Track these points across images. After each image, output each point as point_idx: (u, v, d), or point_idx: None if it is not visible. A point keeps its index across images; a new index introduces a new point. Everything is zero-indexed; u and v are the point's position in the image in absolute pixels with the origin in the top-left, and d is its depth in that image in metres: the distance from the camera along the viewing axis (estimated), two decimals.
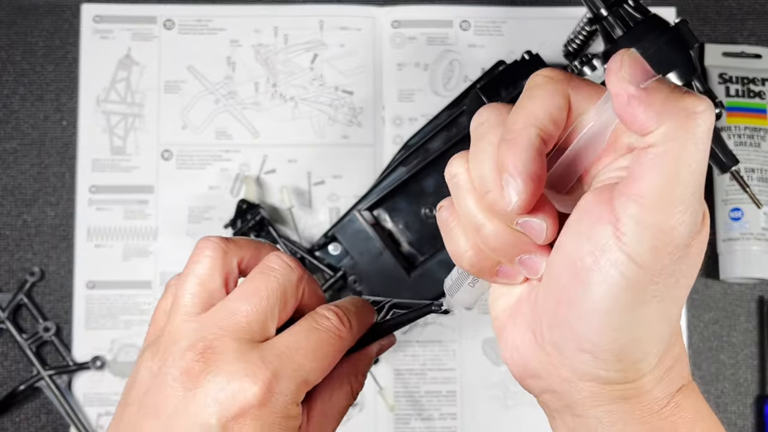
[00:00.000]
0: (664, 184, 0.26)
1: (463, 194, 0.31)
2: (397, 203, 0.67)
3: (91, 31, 0.75)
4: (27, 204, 0.73)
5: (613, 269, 0.27)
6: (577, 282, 0.28)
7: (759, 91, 0.74)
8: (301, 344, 0.33)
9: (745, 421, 0.73)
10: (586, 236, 0.28)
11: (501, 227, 0.30)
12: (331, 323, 0.35)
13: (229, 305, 0.33)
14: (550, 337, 0.31)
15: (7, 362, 0.72)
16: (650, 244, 0.27)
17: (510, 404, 0.71)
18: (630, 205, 0.27)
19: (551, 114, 0.28)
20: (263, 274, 0.34)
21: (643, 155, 0.26)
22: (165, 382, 0.33)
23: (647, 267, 0.27)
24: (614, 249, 0.27)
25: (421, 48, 0.75)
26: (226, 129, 0.74)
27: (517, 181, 0.28)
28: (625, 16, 0.57)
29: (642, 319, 0.28)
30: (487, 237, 0.31)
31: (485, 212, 0.30)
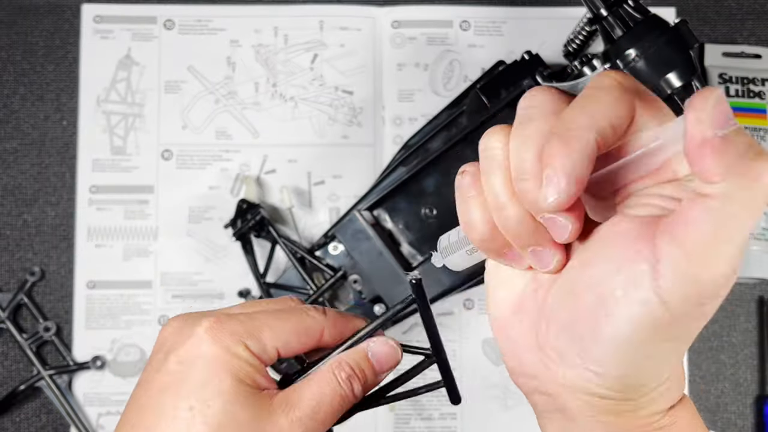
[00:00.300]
0: (714, 238, 0.26)
1: (495, 170, 0.30)
2: (397, 203, 0.67)
3: (92, 31, 0.75)
4: (27, 204, 0.73)
5: (641, 307, 0.27)
6: (601, 308, 0.28)
7: (759, 91, 0.74)
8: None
9: (744, 421, 0.73)
10: (621, 267, 0.28)
11: (523, 214, 0.30)
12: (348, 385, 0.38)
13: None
14: (556, 344, 0.31)
15: (8, 362, 0.72)
16: (685, 291, 0.26)
17: (510, 404, 0.71)
18: (674, 250, 0.26)
19: (613, 122, 0.28)
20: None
21: (699, 202, 0.26)
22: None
23: (676, 311, 0.27)
24: (648, 289, 0.27)
25: (421, 48, 0.75)
26: (226, 129, 0.74)
27: (561, 181, 0.27)
28: (625, 16, 0.57)
29: (656, 353, 0.29)
30: (507, 219, 0.30)
31: (512, 195, 0.30)
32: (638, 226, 0.28)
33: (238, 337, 0.36)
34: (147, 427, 0.34)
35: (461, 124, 0.65)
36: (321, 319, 0.38)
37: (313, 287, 0.66)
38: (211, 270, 0.72)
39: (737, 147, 0.25)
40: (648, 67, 0.56)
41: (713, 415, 0.73)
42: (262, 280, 0.68)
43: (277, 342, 0.37)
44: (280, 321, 0.37)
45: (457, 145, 0.65)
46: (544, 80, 0.63)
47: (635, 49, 0.56)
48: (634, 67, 0.56)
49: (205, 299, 0.72)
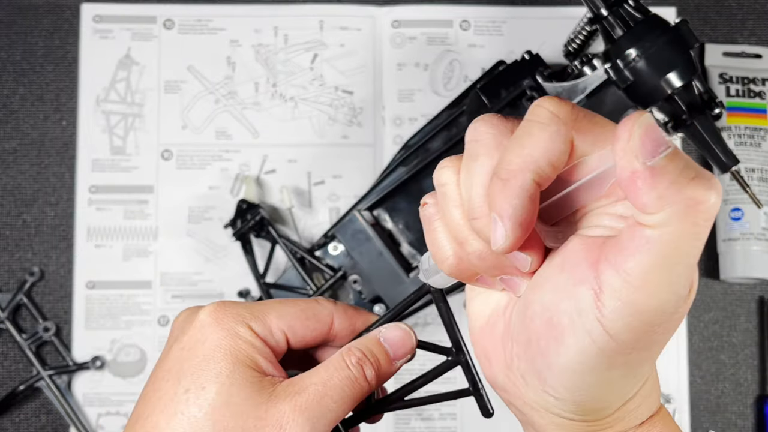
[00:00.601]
0: (653, 268, 0.25)
1: (451, 207, 0.30)
2: (397, 203, 0.67)
3: (91, 31, 0.75)
4: (27, 204, 0.73)
5: (586, 336, 0.27)
6: (550, 335, 0.28)
7: (759, 91, 0.74)
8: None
9: (745, 421, 0.73)
10: (567, 294, 0.28)
11: (485, 248, 0.29)
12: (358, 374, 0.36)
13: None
14: (518, 365, 0.31)
15: (7, 362, 0.72)
16: (628, 321, 0.26)
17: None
18: (615, 279, 0.26)
19: (550, 159, 0.27)
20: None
21: (638, 231, 0.25)
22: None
23: (621, 341, 0.27)
24: (591, 318, 0.27)
25: (421, 48, 0.75)
26: (226, 129, 0.74)
27: (506, 225, 0.27)
28: (625, 16, 0.57)
29: (607, 380, 0.28)
30: (470, 254, 0.30)
31: (470, 230, 0.30)
32: (584, 250, 0.28)
33: (242, 319, 0.35)
34: (147, 414, 0.34)
35: (461, 124, 0.65)
36: (330, 306, 0.37)
37: (312, 287, 0.66)
38: (211, 270, 0.72)
39: (669, 174, 0.24)
40: (648, 67, 0.56)
41: (713, 415, 0.73)
42: (261, 280, 0.68)
43: (282, 324, 0.36)
44: (286, 305, 0.36)
45: (457, 145, 0.65)
46: (545, 80, 0.63)
47: (635, 49, 0.56)
48: (635, 67, 0.56)
49: (205, 299, 0.72)
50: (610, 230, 0.28)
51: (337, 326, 0.37)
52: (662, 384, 0.72)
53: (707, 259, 0.74)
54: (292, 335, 0.36)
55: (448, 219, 0.31)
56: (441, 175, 0.31)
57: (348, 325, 0.38)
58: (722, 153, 0.58)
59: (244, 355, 0.34)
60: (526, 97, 0.62)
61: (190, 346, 0.34)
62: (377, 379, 0.37)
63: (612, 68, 0.57)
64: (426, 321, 0.72)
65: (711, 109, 0.59)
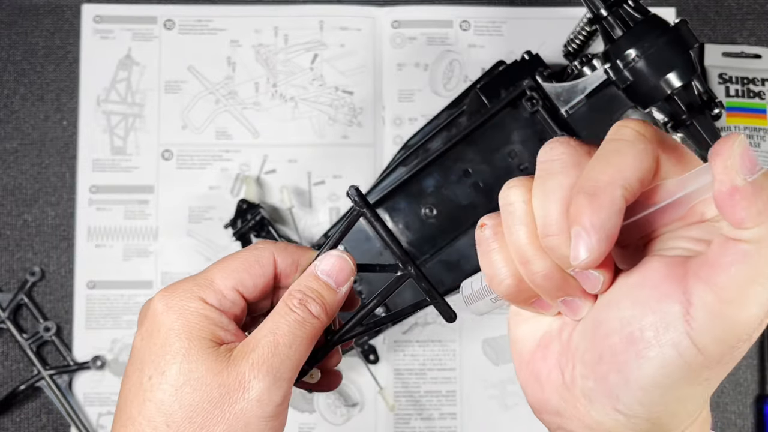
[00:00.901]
0: (748, 282, 0.26)
1: (518, 225, 0.30)
2: (397, 203, 0.67)
3: (92, 32, 0.75)
4: (27, 204, 0.73)
5: (672, 349, 0.27)
6: (631, 350, 0.28)
7: (759, 91, 0.74)
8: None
9: (744, 421, 0.73)
10: (652, 309, 0.28)
11: (551, 268, 0.30)
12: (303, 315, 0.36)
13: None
14: (582, 385, 0.30)
15: (8, 362, 0.72)
16: (718, 334, 0.26)
17: (509, 404, 0.71)
18: (707, 293, 0.26)
19: (640, 175, 0.27)
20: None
21: (732, 246, 0.26)
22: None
23: (708, 355, 0.27)
24: (680, 331, 0.27)
25: (421, 48, 0.75)
26: (226, 129, 0.74)
27: (592, 239, 0.27)
28: (624, 17, 0.57)
29: (687, 395, 0.28)
30: (535, 274, 0.30)
31: (537, 249, 0.30)
32: (666, 267, 0.28)
33: (190, 294, 0.36)
34: (121, 408, 0.35)
35: (461, 124, 0.65)
36: (270, 247, 0.38)
37: None
38: None
39: (767, 191, 0.25)
40: (648, 67, 0.56)
41: (713, 415, 0.73)
42: None
43: (230, 282, 0.36)
44: (228, 261, 0.37)
45: (457, 145, 0.65)
46: (544, 80, 0.63)
47: (635, 49, 0.56)
48: (634, 67, 0.56)
49: None
50: (688, 251, 0.28)
51: (281, 265, 0.38)
52: None
53: None
54: (244, 289, 0.37)
55: (514, 238, 0.30)
56: (509, 194, 0.31)
57: (291, 261, 0.38)
58: None
59: (199, 329, 0.35)
60: (526, 97, 0.62)
61: (148, 336, 0.35)
62: (325, 312, 0.37)
63: (612, 68, 0.57)
64: (426, 321, 0.72)
65: (710, 109, 0.59)
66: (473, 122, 0.64)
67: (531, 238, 0.30)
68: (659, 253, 0.29)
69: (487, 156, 0.65)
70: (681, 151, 0.29)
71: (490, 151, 0.65)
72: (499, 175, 0.65)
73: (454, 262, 0.64)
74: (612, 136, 0.29)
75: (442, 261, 0.64)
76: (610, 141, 0.28)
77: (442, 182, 0.66)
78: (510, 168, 0.65)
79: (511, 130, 0.64)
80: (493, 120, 0.64)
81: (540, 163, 0.30)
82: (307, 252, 0.39)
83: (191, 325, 0.35)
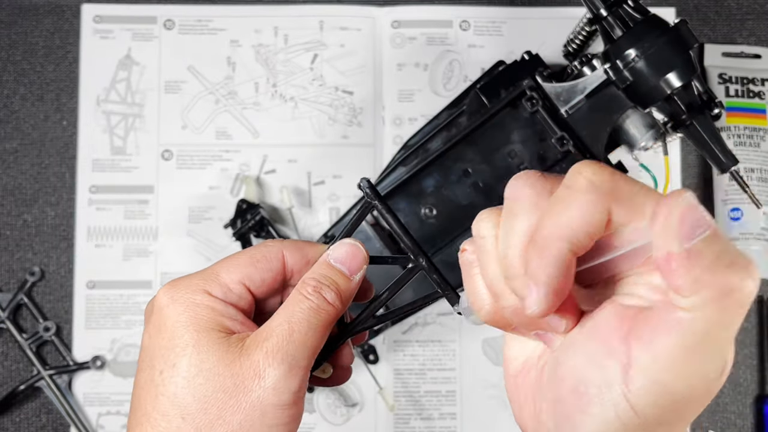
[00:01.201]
0: (683, 350, 0.25)
1: (489, 260, 0.31)
2: (397, 203, 0.67)
3: (92, 31, 0.75)
4: (27, 204, 0.73)
5: (611, 410, 0.27)
6: (576, 402, 0.28)
7: (758, 91, 0.74)
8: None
9: (744, 421, 0.73)
10: (596, 364, 0.28)
11: (520, 304, 0.30)
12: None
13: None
14: (545, 421, 0.30)
15: (8, 362, 0.72)
16: (654, 399, 0.26)
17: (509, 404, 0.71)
18: (644, 356, 0.26)
19: (587, 229, 0.27)
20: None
21: (671, 312, 0.25)
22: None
23: (645, 418, 0.26)
24: (618, 392, 0.27)
25: (421, 48, 0.75)
26: (226, 129, 0.74)
27: (541, 292, 0.27)
28: (624, 17, 0.57)
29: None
30: (504, 309, 0.30)
31: (507, 285, 0.30)
32: (617, 320, 0.28)
33: (196, 287, 0.35)
34: (136, 407, 0.35)
35: (461, 124, 0.65)
36: (277, 244, 0.38)
37: None
38: None
39: (706, 259, 0.24)
40: (648, 67, 0.56)
41: (713, 415, 0.73)
42: None
43: (236, 276, 0.36)
44: (235, 257, 0.37)
45: (457, 145, 0.65)
46: (544, 80, 0.63)
47: (635, 49, 0.56)
48: (634, 67, 0.56)
49: None
50: (644, 300, 0.28)
51: (290, 261, 0.37)
52: None
53: None
54: (251, 283, 0.36)
55: (486, 272, 0.31)
56: (480, 228, 0.31)
57: (300, 257, 0.38)
58: (721, 153, 0.58)
59: (206, 320, 0.35)
60: (526, 97, 0.62)
61: (156, 331, 0.35)
62: (340, 299, 0.36)
63: (611, 68, 0.57)
64: (426, 321, 0.72)
65: (710, 109, 0.59)
66: (473, 122, 0.64)
67: (502, 274, 0.30)
68: (618, 299, 0.29)
69: (487, 156, 0.65)
70: (635, 201, 0.27)
71: (490, 151, 0.65)
72: (499, 175, 0.65)
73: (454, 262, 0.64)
74: (566, 182, 0.28)
75: (442, 261, 0.64)
76: (564, 188, 0.28)
77: (442, 182, 0.66)
78: (510, 168, 0.65)
79: (511, 130, 0.64)
80: (493, 120, 0.64)
81: (506, 199, 0.30)
82: (315, 246, 0.39)
83: (198, 316, 0.35)
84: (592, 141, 0.62)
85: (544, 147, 0.64)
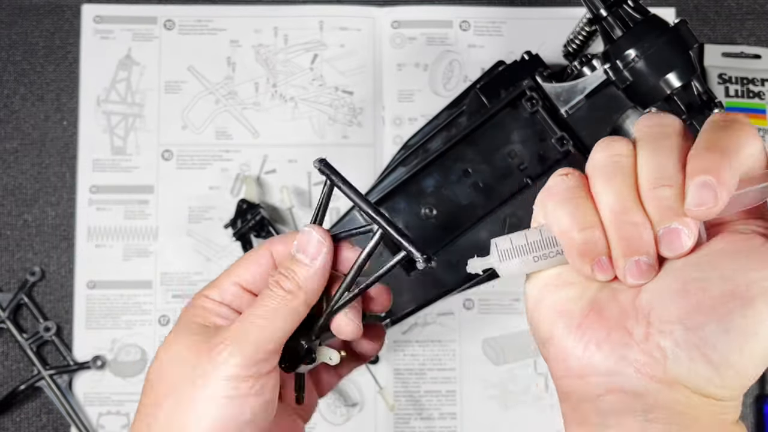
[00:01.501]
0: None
1: (622, 174, 0.32)
2: (397, 203, 0.67)
3: (92, 32, 0.75)
4: (27, 204, 0.74)
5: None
6: (734, 303, 0.29)
7: (758, 91, 0.74)
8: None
9: (744, 420, 0.73)
10: (755, 267, 0.29)
11: (647, 221, 0.31)
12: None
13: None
14: (660, 341, 0.30)
15: (8, 362, 0.72)
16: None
17: (509, 404, 0.71)
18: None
19: (753, 165, 0.31)
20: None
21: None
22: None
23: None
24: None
25: (420, 48, 0.75)
26: (226, 129, 0.74)
27: (723, 191, 0.29)
28: (624, 17, 0.57)
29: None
30: (629, 225, 0.31)
31: (637, 200, 0.31)
32: (743, 239, 0.31)
33: (200, 294, 0.40)
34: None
35: (461, 124, 0.65)
36: (265, 242, 0.42)
37: None
38: (212, 270, 0.73)
39: None
40: (647, 68, 0.56)
41: None
42: None
43: (230, 279, 0.40)
44: (234, 264, 0.41)
45: (456, 145, 0.65)
46: (544, 80, 0.63)
47: (635, 50, 0.56)
48: (634, 68, 0.56)
49: None
50: (761, 231, 0.31)
51: (278, 253, 0.40)
52: None
53: None
54: (243, 281, 0.40)
55: (615, 187, 0.31)
56: (615, 146, 0.32)
57: (286, 248, 0.40)
58: None
59: (192, 316, 0.39)
60: (526, 97, 0.62)
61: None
62: (298, 285, 0.38)
63: (611, 68, 0.57)
64: (426, 321, 0.73)
65: (710, 110, 0.59)
66: (473, 122, 0.64)
67: (633, 189, 0.31)
68: (732, 230, 0.31)
69: (486, 156, 0.65)
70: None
71: (490, 151, 0.65)
72: (498, 175, 0.65)
73: (454, 262, 0.64)
74: (738, 121, 0.31)
75: (442, 261, 0.64)
76: (734, 121, 0.31)
77: (441, 182, 0.66)
78: (510, 168, 0.65)
79: (511, 130, 0.65)
80: (492, 120, 0.64)
81: (649, 127, 0.32)
82: (293, 234, 0.41)
83: (188, 314, 0.39)
84: (592, 141, 0.62)
85: (544, 147, 0.64)
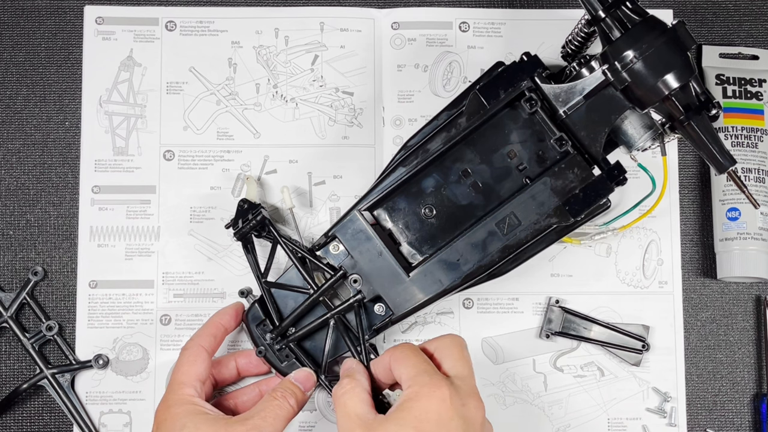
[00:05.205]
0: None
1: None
2: (397, 203, 0.68)
3: (94, 33, 0.75)
4: (30, 204, 0.74)
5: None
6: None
7: (756, 92, 0.75)
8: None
9: (742, 420, 0.73)
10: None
11: None
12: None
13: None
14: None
15: (10, 361, 0.73)
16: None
17: (509, 402, 0.71)
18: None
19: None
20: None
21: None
22: None
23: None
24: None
25: (420, 49, 0.76)
26: (227, 129, 0.75)
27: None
28: (622, 18, 0.58)
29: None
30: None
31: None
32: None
33: (181, 396, 0.62)
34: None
35: (460, 124, 0.65)
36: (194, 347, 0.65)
37: (313, 286, 0.67)
38: (213, 269, 0.73)
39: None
40: (646, 69, 0.56)
41: (710, 414, 0.73)
42: (262, 280, 0.69)
43: (191, 377, 0.62)
44: (188, 365, 0.64)
45: (456, 145, 0.66)
46: (543, 81, 0.63)
47: (633, 51, 0.56)
48: (632, 69, 0.56)
49: (206, 299, 0.72)
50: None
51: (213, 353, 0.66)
52: (660, 382, 0.72)
53: (705, 259, 0.74)
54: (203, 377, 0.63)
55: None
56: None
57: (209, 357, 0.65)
58: (719, 154, 0.59)
59: (196, 409, 0.59)
60: (525, 98, 0.63)
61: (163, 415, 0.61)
62: (297, 404, 0.59)
63: (610, 69, 0.58)
64: (425, 320, 0.73)
65: (708, 110, 0.60)
66: (472, 123, 0.64)
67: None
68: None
69: (486, 156, 0.66)
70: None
71: (489, 152, 0.66)
72: (498, 175, 0.66)
73: (454, 262, 0.64)
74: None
75: (441, 261, 0.65)
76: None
77: (441, 182, 0.67)
78: (509, 168, 0.66)
79: (510, 130, 0.65)
80: (492, 120, 0.65)
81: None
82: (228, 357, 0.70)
83: (188, 408, 0.60)
84: (590, 141, 0.62)
85: (543, 147, 0.64)
